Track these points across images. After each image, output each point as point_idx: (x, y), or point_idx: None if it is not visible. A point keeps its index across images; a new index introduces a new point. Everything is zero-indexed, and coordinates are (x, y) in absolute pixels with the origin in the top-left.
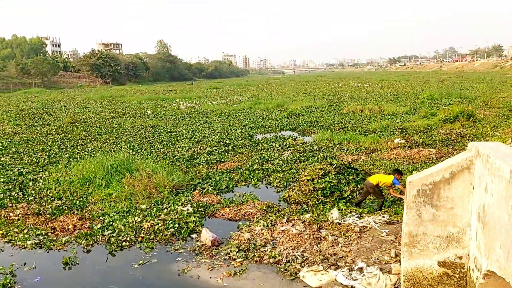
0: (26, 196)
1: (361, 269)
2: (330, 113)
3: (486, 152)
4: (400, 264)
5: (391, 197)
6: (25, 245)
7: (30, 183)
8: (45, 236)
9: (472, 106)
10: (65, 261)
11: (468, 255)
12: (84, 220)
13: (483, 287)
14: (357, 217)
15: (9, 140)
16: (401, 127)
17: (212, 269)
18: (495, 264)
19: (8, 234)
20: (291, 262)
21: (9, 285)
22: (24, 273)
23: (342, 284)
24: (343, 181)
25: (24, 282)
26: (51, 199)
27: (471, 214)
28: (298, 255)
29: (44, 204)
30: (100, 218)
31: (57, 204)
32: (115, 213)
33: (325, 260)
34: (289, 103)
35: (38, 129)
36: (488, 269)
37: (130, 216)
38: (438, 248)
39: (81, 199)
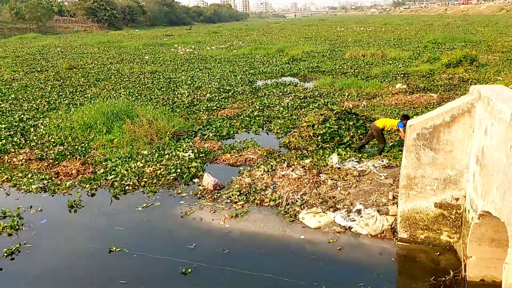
0: (28, 141)
1: (359, 211)
2: (331, 58)
3: (488, 95)
4: (397, 206)
5: (391, 142)
6: (30, 189)
7: (31, 129)
8: (49, 181)
9: (476, 50)
10: (70, 204)
11: (465, 196)
12: (87, 165)
13: (478, 227)
14: (356, 161)
15: (8, 86)
16: (403, 72)
17: (214, 212)
18: (491, 205)
19: (13, 179)
20: (291, 205)
21: (17, 227)
22: (31, 215)
23: (340, 225)
24: (343, 127)
25: (32, 224)
26: (53, 144)
27: (469, 157)
28: (298, 198)
29: (46, 149)
30: (103, 163)
31: (59, 150)
32: (117, 159)
33: (324, 203)
34: (290, 48)
35: (36, 75)
36: (483, 210)
37: (132, 162)
38: (436, 190)
39: (83, 145)
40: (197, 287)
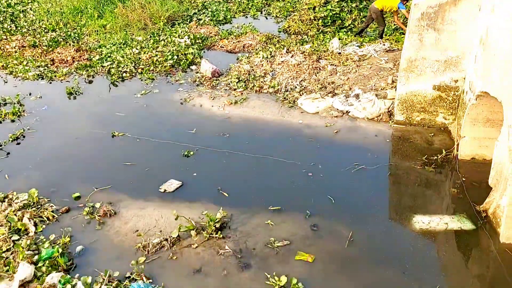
0: (19, 28)
1: (357, 96)
2: None
3: None
4: (395, 90)
5: (394, 24)
6: (27, 77)
7: (21, 15)
8: (45, 68)
9: None
10: (69, 91)
11: (464, 78)
12: (81, 51)
13: (474, 108)
14: (357, 46)
15: None
16: None
17: (213, 99)
18: (489, 86)
19: (8, 66)
20: (290, 91)
21: (18, 113)
22: (31, 102)
23: (337, 109)
24: (345, 9)
25: (33, 111)
26: (45, 31)
27: (473, 37)
28: (297, 84)
29: (39, 36)
30: (97, 50)
31: (52, 36)
32: (111, 45)
33: (323, 89)
34: None
35: None
36: (482, 91)
37: (127, 48)
38: (436, 72)
39: (75, 30)
40: (199, 168)
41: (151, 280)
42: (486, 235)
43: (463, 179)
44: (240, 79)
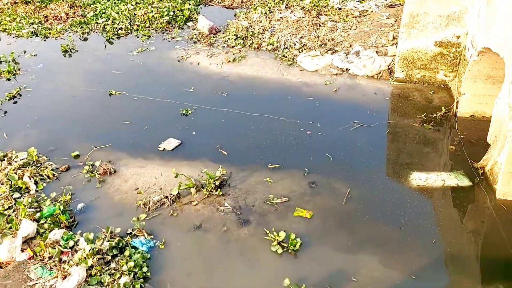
0: None
1: (357, 53)
2: None
3: None
4: (396, 47)
5: None
6: (21, 34)
7: None
8: (39, 25)
9: None
10: (64, 49)
11: (466, 34)
12: (75, 8)
13: (475, 64)
14: (358, 1)
15: None
16: None
17: (211, 56)
18: (492, 41)
19: (1, 23)
20: (289, 48)
21: (14, 71)
22: (26, 60)
23: (337, 67)
24: None
25: (29, 69)
26: None
27: None
28: (296, 41)
29: None
30: (92, 5)
31: None
32: (105, 0)
33: (322, 46)
34: None
35: None
36: (484, 46)
37: (122, 3)
38: (438, 28)
39: None
40: (198, 126)
41: (152, 236)
42: (483, 192)
43: (462, 136)
44: (238, 36)
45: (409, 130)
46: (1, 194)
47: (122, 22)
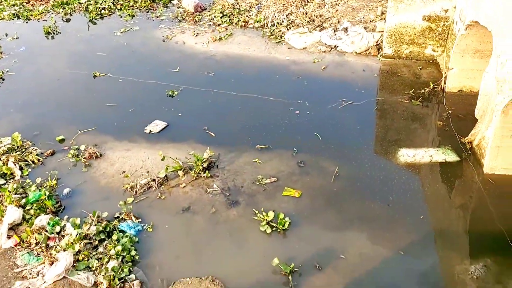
0: None
1: (345, 29)
2: None
3: None
4: (385, 22)
5: None
6: (2, 16)
7: None
8: (21, 7)
9: None
10: (47, 31)
11: (455, 8)
12: None
13: (463, 38)
14: None
15: None
16: None
17: (197, 35)
18: (480, 14)
19: None
20: (276, 26)
21: None
22: (8, 43)
23: (326, 44)
24: None
25: (11, 52)
26: None
27: None
28: (284, 18)
29: None
30: None
31: None
32: None
33: (310, 22)
34: None
35: None
36: (472, 20)
37: None
38: (426, 1)
39: None
40: (185, 108)
41: (140, 220)
42: (470, 166)
43: (449, 111)
44: (224, 13)
45: (397, 106)
46: None
47: (105, 1)
